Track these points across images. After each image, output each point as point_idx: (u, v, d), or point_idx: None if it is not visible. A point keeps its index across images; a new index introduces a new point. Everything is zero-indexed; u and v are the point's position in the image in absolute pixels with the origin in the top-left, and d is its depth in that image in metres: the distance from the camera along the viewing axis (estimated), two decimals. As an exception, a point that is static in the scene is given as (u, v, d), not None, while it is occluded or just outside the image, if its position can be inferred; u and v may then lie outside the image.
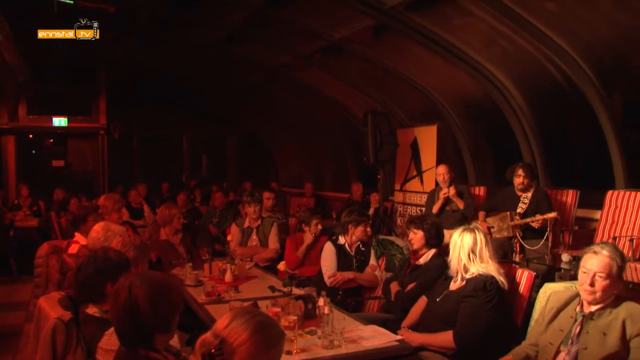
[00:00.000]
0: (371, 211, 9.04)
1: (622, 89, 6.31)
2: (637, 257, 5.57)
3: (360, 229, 5.17)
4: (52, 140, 14.60)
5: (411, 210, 9.18)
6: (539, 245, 5.84)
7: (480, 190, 7.91)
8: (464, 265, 3.72)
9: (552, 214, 5.75)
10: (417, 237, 4.54)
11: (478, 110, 8.19)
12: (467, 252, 3.70)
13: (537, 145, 7.25)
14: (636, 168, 6.28)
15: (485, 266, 3.67)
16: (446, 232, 4.62)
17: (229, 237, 6.48)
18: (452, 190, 6.93)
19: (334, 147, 12.63)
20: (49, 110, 13.54)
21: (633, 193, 5.99)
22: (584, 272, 2.96)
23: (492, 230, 6.26)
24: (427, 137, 8.86)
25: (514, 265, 4.15)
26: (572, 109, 6.84)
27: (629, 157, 6.25)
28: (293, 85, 11.13)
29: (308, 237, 5.84)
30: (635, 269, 5.16)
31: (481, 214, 6.62)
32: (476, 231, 3.76)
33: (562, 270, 5.18)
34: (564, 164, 7.35)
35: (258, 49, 9.69)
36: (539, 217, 5.81)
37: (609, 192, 6.21)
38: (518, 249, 5.98)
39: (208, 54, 10.34)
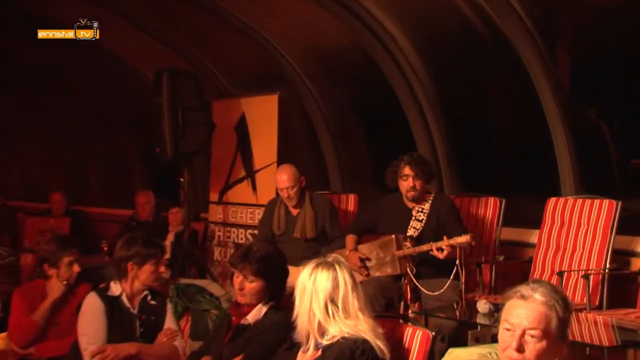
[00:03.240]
0: (169, 238, 9.06)
1: (570, 40, 6.66)
2: (598, 303, 5.87)
3: (147, 269, 5.08)
4: None
5: (237, 235, 9.26)
6: (443, 289, 6.02)
7: (349, 201, 8.06)
8: (319, 323, 3.74)
9: (464, 238, 5.91)
10: (253, 287, 4.48)
11: (346, 71, 8.40)
12: (324, 303, 3.72)
13: (439, 127, 7.52)
14: (592, 164, 6.61)
15: (354, 324, 3.71)
16: (291, 270, 4.64)
17: None
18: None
19: (104, 132, 12.59)
20: None
21: (587, 201, 6.24)
22: (508, 330, 3.04)
23: (367, 264, 6.40)
24: (264, 114, 8.98)
25: (401, 320, 4.25)
26: (495, 71, 7.16)
27: (580, 146, 6.58)
28: (30, 26, 10.77)
29: (56, 287, 5.66)
30: (595, 322, 5.41)
31: (350, 238, 6.73)
32: (338, 267, 3.80)
33: (479, 327, 5.37)
34: (480, 158, 7.66)
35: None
36: (445, 242, 5.94)
37: (551, 201, 6.52)
38: (410, 295, 6.15)
39: None
